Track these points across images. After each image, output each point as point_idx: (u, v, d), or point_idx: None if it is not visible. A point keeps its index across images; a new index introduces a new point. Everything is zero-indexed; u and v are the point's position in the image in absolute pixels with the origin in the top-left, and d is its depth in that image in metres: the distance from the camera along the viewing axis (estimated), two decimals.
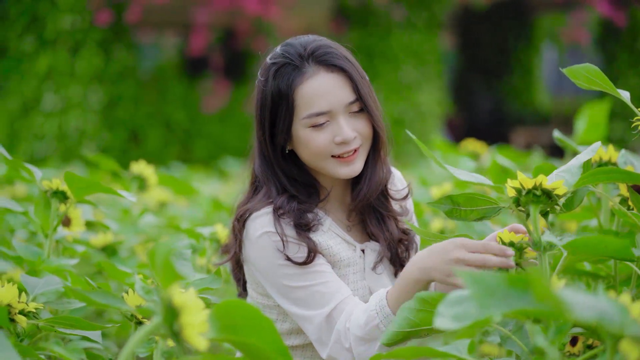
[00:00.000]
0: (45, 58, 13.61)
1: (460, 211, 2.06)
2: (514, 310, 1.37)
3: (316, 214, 2.37)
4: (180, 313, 1.50)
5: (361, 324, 2.17)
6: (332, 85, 2.31)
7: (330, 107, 2.30)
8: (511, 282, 1.37)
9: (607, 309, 1.25)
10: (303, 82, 2.31)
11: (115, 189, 2.40)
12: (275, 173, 2.39)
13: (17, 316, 2.01)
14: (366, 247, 2.43)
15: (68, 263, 2.49)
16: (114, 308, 1.74)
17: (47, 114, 13.55)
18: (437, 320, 1.40)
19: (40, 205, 2.54)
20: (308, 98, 2.30)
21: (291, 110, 2.31)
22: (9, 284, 2.00)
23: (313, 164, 2.36)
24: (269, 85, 2.34)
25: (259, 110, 2.38)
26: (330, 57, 2.33)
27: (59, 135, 13.37)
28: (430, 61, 15.11)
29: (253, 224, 2.32)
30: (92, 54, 13.69)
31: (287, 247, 2.28)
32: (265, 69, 2.38)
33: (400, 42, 14.83)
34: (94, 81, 13.71)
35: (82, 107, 13.57)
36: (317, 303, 2.25)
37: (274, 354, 1.60)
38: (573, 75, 2.20)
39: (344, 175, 2.36)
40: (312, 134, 2.31)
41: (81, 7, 13.62)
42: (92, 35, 13.71)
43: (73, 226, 2.82)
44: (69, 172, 2.42)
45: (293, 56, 2.33)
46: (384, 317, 2.14)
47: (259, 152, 2.42)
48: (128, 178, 3.58)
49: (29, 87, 13.70)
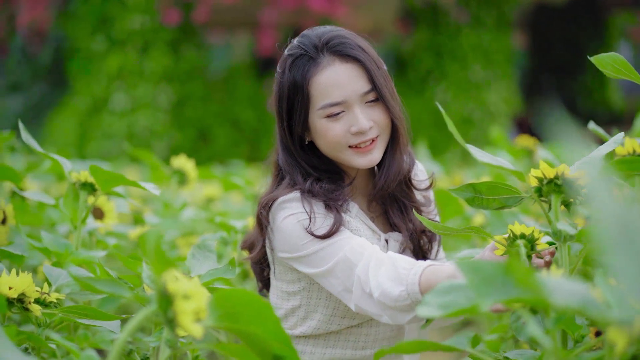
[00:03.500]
0: (115, 58, 13.78)
1: (482, 199, 2.02)
2: (510, 299, 1.34)
3: (345, 196, 2.36)
4: (174, 300, 1.49)
5: (393, 297, 2.09)
6: (346, 76, 2.30)
7: (345, 97, 2.29)
8: (508, 271, 1.35)
9: (590, 295, 1.21)
10: (318, 73, 2.30)
11: (138, 182, 2.40)
12: (298, 163, 2.38)
13: (32, 305, 2.01)
14: (390, 237, 2.41)
15: (96, 255, 2.49)
16: (119, 296, 1.74)
17: (116, 114, 13.70)
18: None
19: (69, 197, 2.55)
20: (323, 88, 2.29)
21: (307, 101, 2.30)
22: (24, 273, 2.01)
23: (331, 154, 2.35)
24: (285, 77, 2.34)
25: (277, 102, 2.38)
26: (345, 47, 2.32)
27: (128, 134, 13.51)
28: (499, 60, 15.00)
29: (280, 208, 2.31)
30: (161, 54, 13.82)
31: (313, 223, 2.26)
32: (283, 61, 2.37)
33: (469, 41, 14.75)
34: (163, 81, 13.85)
35: (151, 106, 13.70)
36: (344, 268, 2.22)
37: (275, 342, 1.59)
38: (601, 65, 2.20)
39: (361, 165, 2.34)
40: (328, 125, 2.30)
41: (150, 8, 13.76)
42: (162, 35, 13.85)
43: (106, 219, 2.83)
44: (94, 165, 2.42)
45: (308, 47, 2.32)
46: (413, 300, 2.06)
47: (281, 144, 2.41)
48: (169, 173, 3.60)
49: (99, 86, 13.87)
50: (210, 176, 4.78)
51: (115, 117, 13.70)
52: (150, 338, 1.91)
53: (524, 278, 1.24)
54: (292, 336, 2.40)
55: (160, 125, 13.69)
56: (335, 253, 2.23)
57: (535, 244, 1.94)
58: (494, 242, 2.05)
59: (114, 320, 2.04)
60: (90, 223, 2.75)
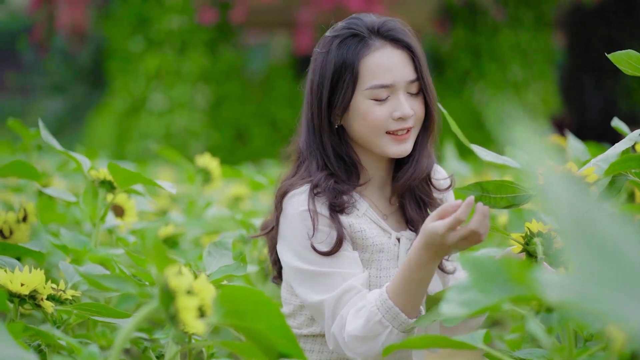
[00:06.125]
0: (153, 58, 13.83)
1: (489, 198, 2.01)
2: (513, 297, 1.32)
3: (352, 197, 2.35)
4: (176, 296, 1.49)
5: (360, 324, 2.15)
6: (397, 60, 2.31)
7: (393, 81, 2.30)
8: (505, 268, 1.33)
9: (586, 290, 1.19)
10: (370, 54, 2.30)
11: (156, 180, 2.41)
12: (321, 146, 2.36)
13: (44, 302, 2.02)
14: (402, 235, 2.40)
15: (114, 253, 2.50)
16: (126, 293, 1.74)
17: (154, 114, 13.75)
18: (444, 307, 1.36)
19: (88, 194, 2.57)
20: (373, 70, 2.29)
21: (355, 79, 2.30)
22: (36, 270, 2.01)
23: (366, 138, 2.34)
24: (331, 56, 2.32)
25: (316, 80, 2.36)
26: (397, 32, 2.33)
27: (165, 134, 13.56)
28: (538, 60, 14.92)
29: (290, 202, 2.31)
30: (199, 54, 13.87)
31: (316, 234, 2.26)
32: (327, 41, 2.36)
33: (507, 40, 14.68)
34: (200, 81, 13.89)
35: (189, 106, 13.75)
36: (328, 285, 2.25)
37: (280, 340, 1.58)
38: (617, 62, 2.18)
39: (393, 154, 2.34)
40: (373, 107, 2.30)
41: (188, 8, 13.81)
42: (199, 35, 13.89)
43: (126, 216, 2.84)
44: (112, 163, 2.44)
45: (360, 28, 2.32)
46: (386, 311, 2.12)
47: (307, 126, 2.39)
48: (193, 171, 3.60)
49: (137, 87, 13.94)
50: (238, 175, 4.78)
51: (153, 117, 13.76)
52: (160, 334, 1.92)
53: (519, 274, 1.22)
54: (300, 335, 2.39)
55: (198, 125, 13.73)
56: (324, 289, 2.25)
57: (552, 242, 1.92)
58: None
59: (127, 318, 2.04)
60: (110, 221, 2.77)
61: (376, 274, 2.32)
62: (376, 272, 2.32)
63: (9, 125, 3.32)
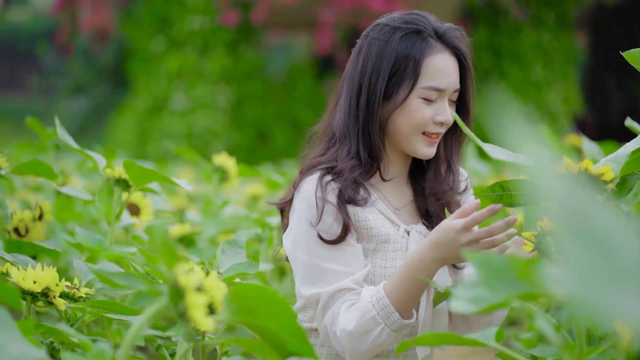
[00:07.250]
0: (175, 58, 13.86)
1: (510, 196, 2.01)
2: (521, 294, 1.32)
3: (367, 191, 2.35)
4: (185, 293, 1.49)
5: (354, 318, 2.17)
6: (452, 67, 2.35)
7: (446, 86, 2.34)
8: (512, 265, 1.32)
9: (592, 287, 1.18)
10: (432, 55, 2.33)
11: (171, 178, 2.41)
12: (361, 133, 2.36)
13: (56, 299, 2.03)
14: (412, 229, 2.40)
15: (129, 251, 2.51)
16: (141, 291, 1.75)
17: (176, 114, 13.78)
18: (453, 303, 1.36)
19: (103, 193, 2.57)
20: (432, 71, 2.33)
21: (416, 75, 2.32)
22: (49, 268, 2.02)
23: (403, 134, 2.35)
24: (393, 45, 2.33)
25: (371, 65, 2.35)
26: (459, 42, 2.37)
27: (187, 134, 13.58)
28: (560, 60, 14.84)
29: (307, 183, 2.31)
30: (220, 54, 13.88)
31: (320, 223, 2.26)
32: (386, 30, 2.35)
33: (529, 40, 14.61)
34: (222, 81, 13.89)
35: (211, 106, 13.76)
36: (325, 280, 2.26)
37: (291, 338, 1.58)
38: (631, 59, 2.19)
39: (422, 155, 2.36)
40: (421, 106, 2.33)
41: (209, 8, 13.83)
42: (221, 35, 13.90)
43: (142, 215, 2.85)
44: (128, 161, 2.44)
45: (426, 27, 2.35)
46: (381, 308, 2.15)
47: (347, 109, 2.38)
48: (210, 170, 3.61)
49: (158, 87, 13.97)
50: (256, 174, 4.78)
51: (175, 117, 13.78)
52: (172, 332, 1.92)
53: (526, 271, 1.22)
54: (311, 329, 2.39)
55: (220, 125, 13.74)
56: (321, 280, 2.26)
57: None
58: (520, 237, 2.04)
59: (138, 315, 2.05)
60: (125, 219, 2.77)
61: (382, 264, 2.32)
62: (382, 262, 2.32)
63: (27, 124, 3.33)
